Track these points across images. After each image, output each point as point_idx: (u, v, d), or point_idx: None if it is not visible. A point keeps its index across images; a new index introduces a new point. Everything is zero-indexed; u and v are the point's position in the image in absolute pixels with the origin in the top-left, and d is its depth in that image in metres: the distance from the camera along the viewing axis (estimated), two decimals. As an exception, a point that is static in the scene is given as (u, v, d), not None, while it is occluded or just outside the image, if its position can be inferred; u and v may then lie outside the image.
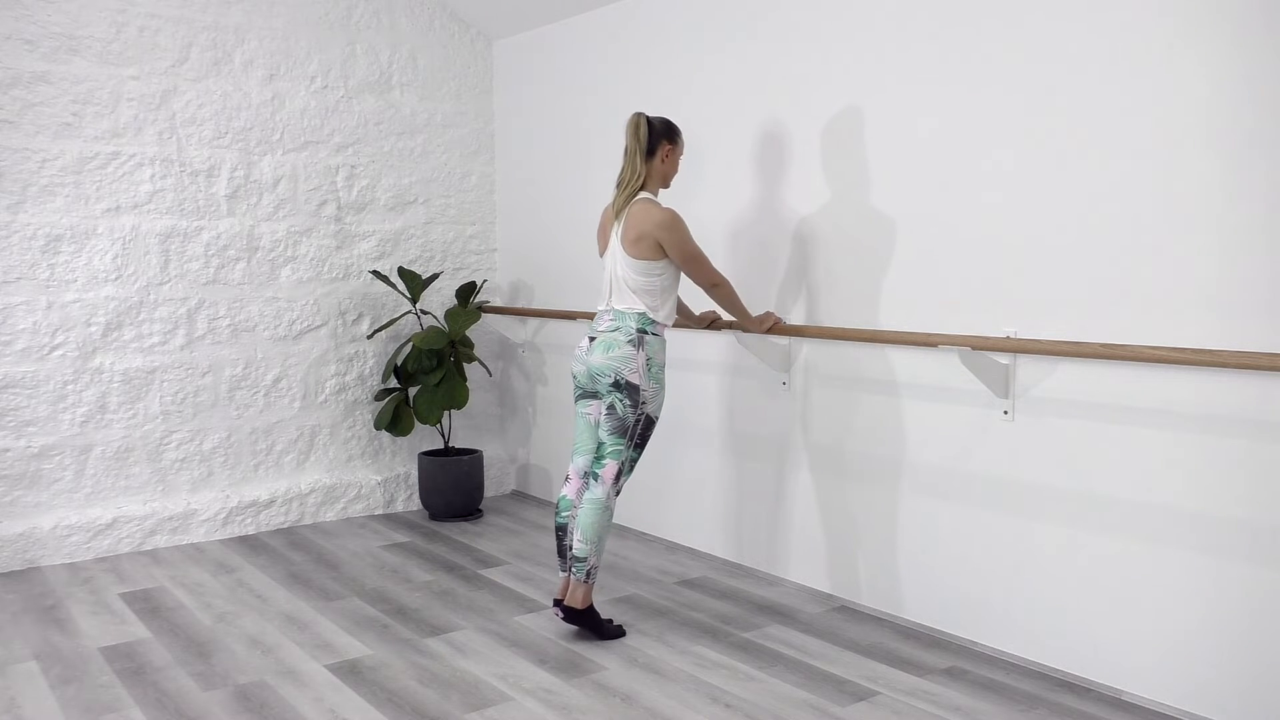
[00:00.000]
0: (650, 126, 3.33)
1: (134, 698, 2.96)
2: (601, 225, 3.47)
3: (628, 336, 3.28)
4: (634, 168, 3.33)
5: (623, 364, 3.26)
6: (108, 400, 4.40)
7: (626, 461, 3.34)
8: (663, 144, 3.36)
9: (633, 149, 3.32)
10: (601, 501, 3.31)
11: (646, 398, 3.29)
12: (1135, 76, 2.79)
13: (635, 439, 3.32)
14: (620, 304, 3.33)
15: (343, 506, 4.99)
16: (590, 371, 3.33)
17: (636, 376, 3.26)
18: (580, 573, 3.32)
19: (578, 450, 3.46)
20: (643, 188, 3.35)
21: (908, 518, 3.49)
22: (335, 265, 4.97)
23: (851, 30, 3.55)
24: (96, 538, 4.34)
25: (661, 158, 3.37)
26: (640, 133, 3.31)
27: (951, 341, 3.12)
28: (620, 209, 3.34)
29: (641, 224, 3.28)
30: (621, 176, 3.37)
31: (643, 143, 3.32)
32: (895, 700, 2.91)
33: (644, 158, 3.34)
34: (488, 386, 5.53)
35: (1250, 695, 2.66)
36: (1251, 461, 2.62)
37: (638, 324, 3.29)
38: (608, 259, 3.40)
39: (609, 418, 3.31)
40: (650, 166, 3.36)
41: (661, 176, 3.41)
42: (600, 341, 3.32)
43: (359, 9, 4.98)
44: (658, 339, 3.33)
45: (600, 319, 3.37)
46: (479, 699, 2.94)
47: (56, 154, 4.25)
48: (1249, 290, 2.59)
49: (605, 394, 3.31)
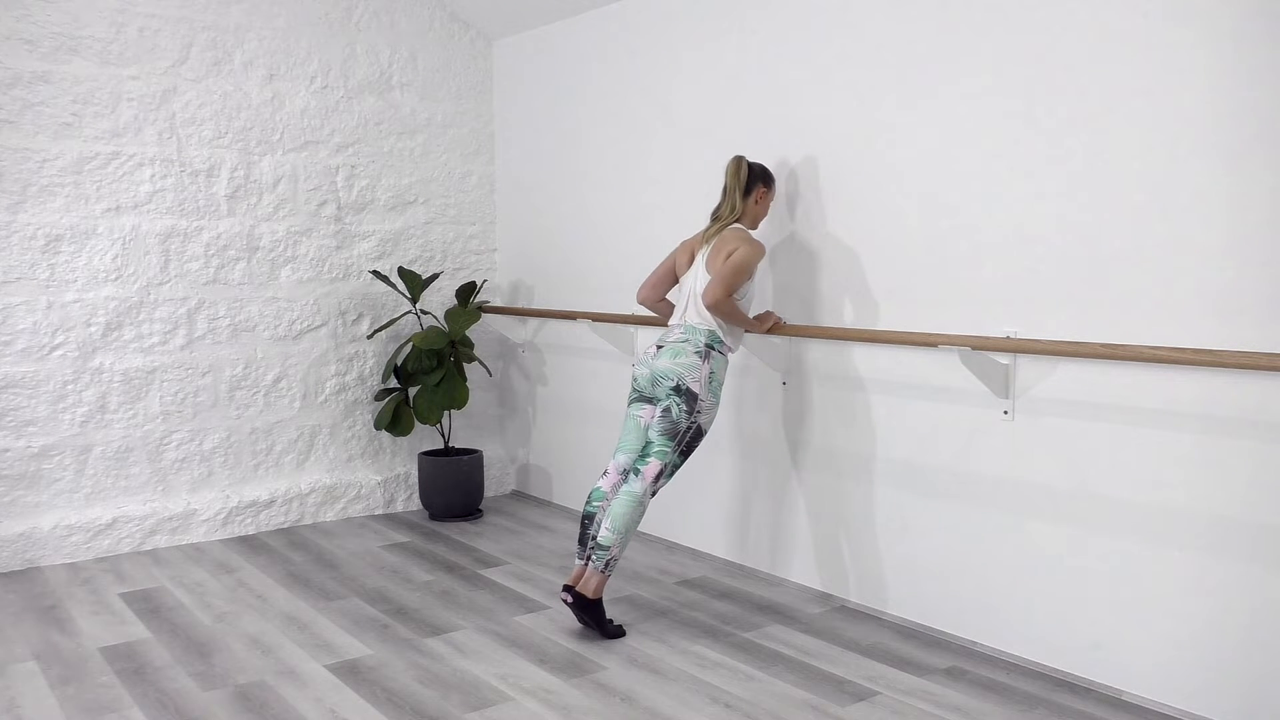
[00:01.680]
0: (750, 170, 3.56)
1: (134, 698, 2.96)
2: (686, 243, 3.67)
3: (696, 348, 3.41)
4: (733, 205, 3.56)
5: (688, 371, 3.38)
6: (108, 400, 4.40)
7: (669, 465, 3.42)
8: (759, 186, 3.58)
9: (732, 187, 3.55)
10: (638, 496, 3.38)
11: (703, 408, 3.39)
12: (1135, 77, 2.79)
13: (683, 446, 3.42)
14: (694, 319, 3.48)
15: (343, 506, 4.99)
16: (654, 375, 3.43)
17: (698, 386, 3.37)
18: (600, 561, 3.35)
19: (621, 449, 3.52)
20: (736, 223, 3.57)
21: (907, 518, 3.49)
22: (335, 265, 4.97)
23: (851, 31, 3.55)
24: (96, 538, 4.34)
25: (755, 199, 3.58)
26: (741, 174, 3.54)
27: (951, 341, 3.12)
28: (712, 236, 3.55)
29: (730, 243, 3.47)
30: (719, 211, 3.59)
31: (742, 182, 3.55)
32: (895, 700, 2.91)
33: (741, 197, 3.55)
34: (488, 386, 5.53)
35: (1250, 695, 2.66)
36: (1252, 461, 2.62)
37: (708, 339, 3.44)
38: (688, 278, 3.57)
39: (663, 419, 3.40)
40: (745, 206, 3.56)
41: (753, 218, 3.62)
42: (669, 349, 3.44)
43: (359, 9, 4.98)
44: (723, 358, 3.47)
45: (671, 331, 3.52)
46: (479, 699, 2.94)
47: (56, 154, 4.25)
48: (1249, 290, 2.59)
49: (664, 398, 3.41)
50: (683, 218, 4.26)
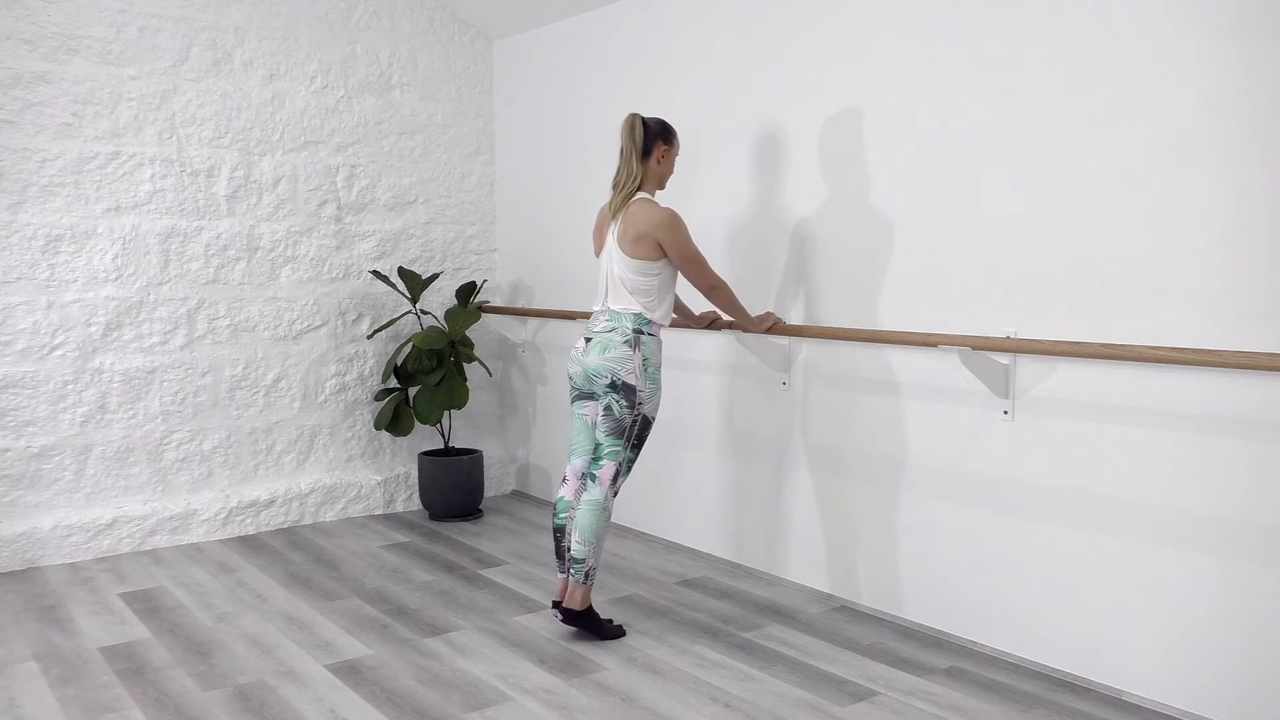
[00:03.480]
0: (646, 127, 3.31)
1: (134, 698, 2.96)
2: (597, 226, 3.47)
3: (624, 337, 3.27)
4: (630, 169, 3.31)
5: (619, 365, 3.25)
6: (108, 400, 4.40)
7: (624, 462, 3.33)
8: (658, 145, 3.34)
9: (628, 150, 3.31)
10: (599, 503, 3.30)
11: (643, 398, 3.28)
12: (1135, 76, 2.79)
13: (633, 440, 3.32)
14: (616, 304, 3.31)
15: (343, 506, 4.99)
16: (586, 373, 3.32)
17: (633, 377, 3.25)
18: (579, 574, 3.31)
19: (574, 451, 3.45)
20: (639, 189, 3.33)
21: (908, 518, 3.49)
22: (335, 265, 4.97)
23: (851, 30, 3.55)
24: (96, 538, 4.34)
25: (657, 159, 3.35)
26: (636, 134, 3.29)
27: (951, 341, 3.12)
28: (617, 210, 3.33)
29: (641, 224, 3.26)
30: (618, 178, 3.35)
31: (638, 144, 3.30)
32: (895, 700, 2.91)
33: (640, 159, 3.31)
34: (488, 386, 5.53)
35: (1250, 695, 2.66)
36: (1251, 461, 2.62)
37: (634, 324, 3.28)
38: (603, 259, 3.38)
39: (606, 419, 3.30)
40: (646, 168, 3.33)
41: (658, 178, 3.39)
42: (596, 342, 3.31)
43: (359, 9, 4.98)
44: (654, 339, 3.32)
45: (596, 319, 3.36)
46: (479, 699, 2.94)
47: (56, 154, 4.25)
48: (1249, 290, 2.59)
49: (602, 395, 3.30)
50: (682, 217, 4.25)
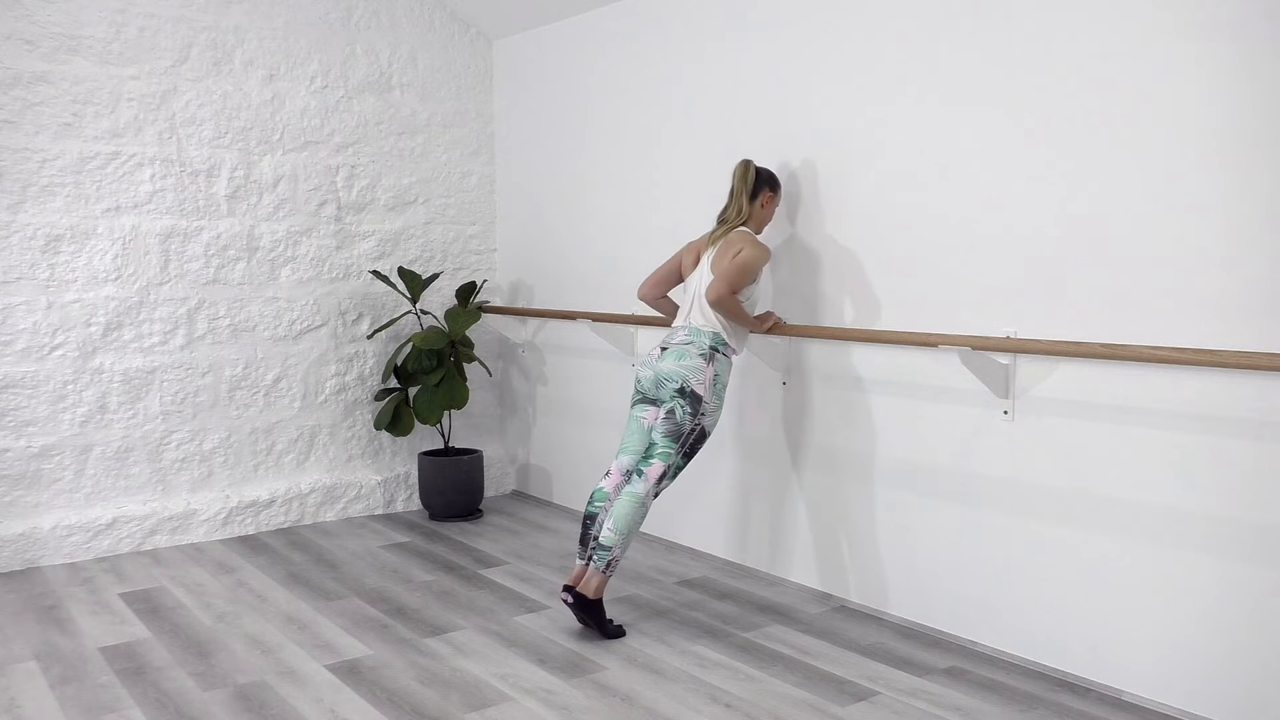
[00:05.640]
0: (757, 174, 3.57)
1: (134, 698, 2.96)
2: (692, 245, 3.68)
3: (700, 350, 3.42)
4: (739, 208, 3.56)
5: (692, 373, 3.38)
6: (108, 400, 4.40)
7: (672, 467, 3.42)
8: (764, 190, 3.59)
9: (739, 191, 3.56)
10: (640, 497, 3.37)
11: (707, 410, 3.40)
12: (1135, 76, 2.79)
13: (686, 448, 3.42)
14: (699, 321, 3.48)
15: (343, 506, 4.99)
16: (658, 376, 3.43)
17: (702, 388, 3.38)
18: (601, 562, 3.35)
19: (624, 450, 3.52)
20: (743, 226, 3.58)
21: (907, 518, 3.49)
22: (335, 265, 4.97)
23: (852, 32, 3.55)
24: (96, 538, 4.34)
25: (762, 203, 3.58)
26: (748, 177, 3.56)
27: (951, 341, 3.12)
28: (719, 238, 3.57)
29: (736, 245, 3.48)
30: (726, 214, 3.60)
31: (749, 186, 3.55)
32: (895, 700, 2.91)
33: (748, 200, 3.55)
34: (488, 386, 5.53)
35: (1250, 695, 2.66)
36: (1251, 461, 2.62)
37: (712, 341, 3.45)
38: (692, 279, 3.59)
39: (667, 420, 3.40)
40: (752, 209, 3.57)
41: (759, 221, 3.62)
42: (673, 351, 3.44)
43: (359, 9, 4.98)
44: (727, 360, 3.48)
45: (675, 333, 3.51)
46: (479, 699, 2.94)
47: (56, 154, 4.25)
48: (1249, 290, 2.59)
49: (668, 400, 3.41)
50: (683, 217, 4.26)
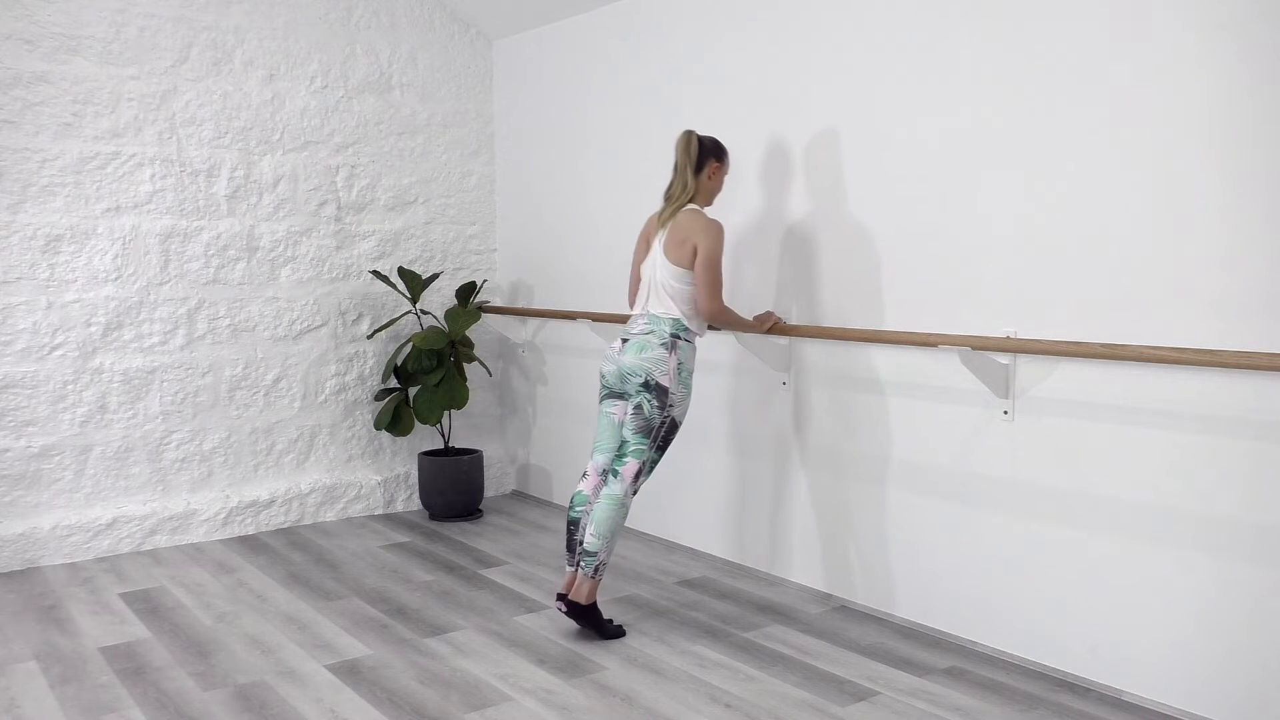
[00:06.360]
0: (700, 144, 3.43)
1: (134, 698, 2.96)
2: (643, 233, 3.57)
3: (661, 340, 3.35)
4: (684, 183, 3.42)
5: (655, 365, 3.33)
6: (108, 400, 4.40)
7: (647, 462, 3.39)
8: (710, 161, 3.46)
9: (683, 164, 3.42)
10: (619, 498, 3.35)
11: (674, 401, 3.35)
12: (1135, 76, 2.79)
13: (659, 441, 3.38)
14: (657, 309, 3.42)
15: (343, 506, 4.99)
16: (621, 371, 3.38)
17: (667, 379, 3.33)
18: (589, 567, 3.33)
19: (598, 449, 3.49)
20: (690, 202, 3.45)
21: (907, 518, 3.49)
22: (335, 265, 4.97)
23: (853, 32, 3.55)
24: (96, 538, 4.34)
25: (709, 174, 3.47)
26: (691, 149, 3.41)
27: (951, 341, 3.12)
28: (666, 219, 3.44)
29: (685, 230, 3.37)
30: (671, 190, 3.46)
31: (693, 159, 3.42)
32: (895, 700, 2.91)
33: (693, 174, 3.43)
34: (488, 386, 5.53)
35: (1250, 695, 2.66)
36: (1251, 461, 2.62)
37: (672, 329, 3.37)
38: (647, 266, 3.49)
39: (635, 417, 3.35)
40: (698, 182, 3.45)
41: (708, 193, 3.50)
42: (634, 343, 3.38)
43: (359, 9, 4.98)
44: (690, 345, 3.41)
45: (634, 322, 3.45)
46: (479, 699, 2.94)
47: (56, 154, 4.25)
48: (1249, 290, 2.59)
49: (634, 394, 3.36)
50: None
